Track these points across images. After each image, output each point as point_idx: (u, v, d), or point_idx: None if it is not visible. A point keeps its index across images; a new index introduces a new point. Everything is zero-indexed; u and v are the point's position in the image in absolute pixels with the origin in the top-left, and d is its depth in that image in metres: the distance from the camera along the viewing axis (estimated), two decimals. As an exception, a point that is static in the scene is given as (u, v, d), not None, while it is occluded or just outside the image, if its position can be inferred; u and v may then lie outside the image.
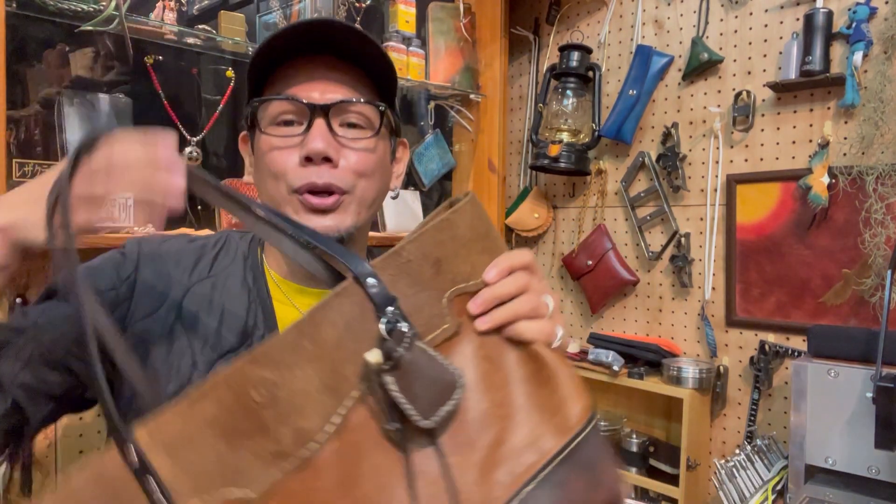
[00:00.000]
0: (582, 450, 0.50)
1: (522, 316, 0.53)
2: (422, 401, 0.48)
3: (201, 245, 0.77)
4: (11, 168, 1.14)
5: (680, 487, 1.61)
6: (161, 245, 0.76)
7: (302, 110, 0.70)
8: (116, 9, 1.26)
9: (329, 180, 0.69)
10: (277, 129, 0.71)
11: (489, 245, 0.55)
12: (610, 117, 1.83)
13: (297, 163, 0.69)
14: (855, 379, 1.21)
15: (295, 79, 0.71)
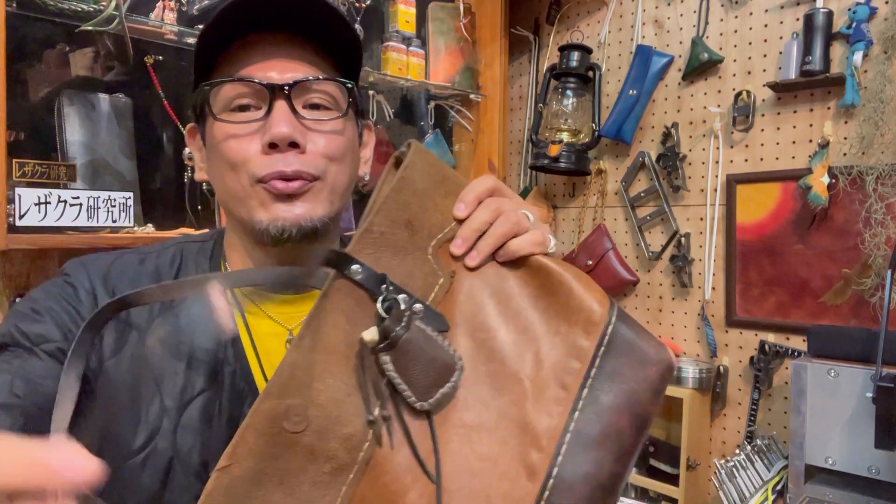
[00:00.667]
0: (616, 336, 0.50)
1: (508, 236, 0.52)
2: (418, 382, 0.47)
3: (155, 268, 0.68)
4: (11, 168, 1.14)
5: (680, 487, 1.61)
6: (111, 270, 0.67)
7: (260, 92, 0.63)
8: (116, 9, 1.26)
9: (298, 167, 0.62)
10: (233, 115, 0.64)
11: (450, 187, 0.54)
12: (610, 117, 1.83)
13: (260, 150, 0.62)
14: (855, 379, 1.21)
15: (248, 59, 0.64)
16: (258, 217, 0.63)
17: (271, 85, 0.62)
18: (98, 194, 1.25)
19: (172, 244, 0.72)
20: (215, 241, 0.73)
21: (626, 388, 0.49)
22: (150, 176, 1.40)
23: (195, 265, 0.70)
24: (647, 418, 0.50)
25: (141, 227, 1.31)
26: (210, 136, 0.66)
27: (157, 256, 0.70)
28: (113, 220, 1.27)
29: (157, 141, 1.42)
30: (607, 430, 0.48)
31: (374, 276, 0.48)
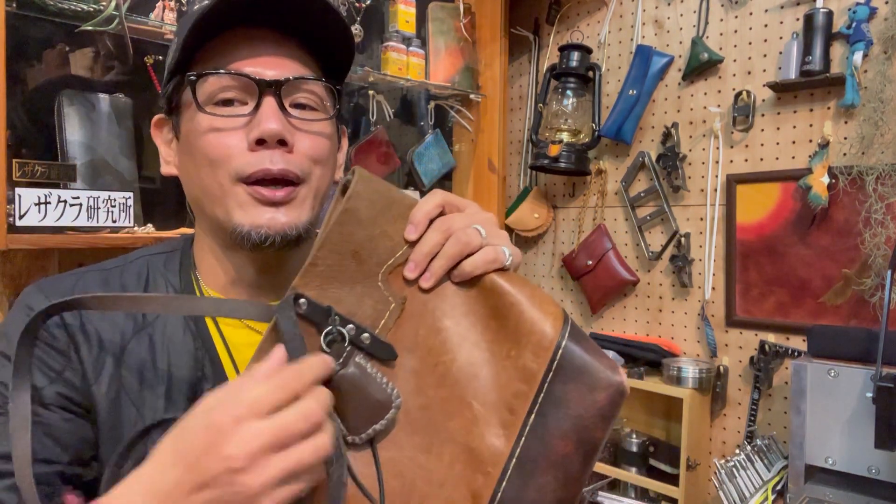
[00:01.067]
0: (566, 360, 0.50)
1: (460, 256, 0.51)
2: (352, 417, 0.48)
3: (121, 287, 0.66)
4: (11, 168, 1.14)
5: (680, 487, 1.61)
6: (74, 293, 0.61)
7: (248, 87, 0.61)
8: (116, 9, 1.26)
9: (284, 165, 0.60)
10: (217, 108, 0.61)
11: (399, 210, 0.53)
12: (610, 117, 1.83)
13: (246, 146, 0.60)
14: (855, 379, 1.21)
15: (235, 52, 0.61)
16: (237, 219, 0.60)
17: (261, 80, 0.60)
18: (98, 194, 1.25)
19: (136, 257, 0.69)
20: (182, 251, 0.70)
21: (574, 413, 0.49)
22: (150, 176, 1.40)
23: (164, 279, 0.67)
24: (595, 444, 0.49)
25: (141, 227, 1.31)
26: (189, 128, 0.63)
27: (121, 273, 0.67)
28: (113, 220, 1.27)
29: (157, 141, 1.42)
30: (552, 457, 0.48)
31: (319, 309, 0.49)
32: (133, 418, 0.60)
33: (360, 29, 1.75)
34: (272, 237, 0.60)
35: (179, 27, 0.64)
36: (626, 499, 1.72)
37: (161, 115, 0.68)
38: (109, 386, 0.60)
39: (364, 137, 1.83)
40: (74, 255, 1.34)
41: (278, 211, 0.61)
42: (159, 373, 0.62)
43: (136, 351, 0.62)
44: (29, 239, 1.14)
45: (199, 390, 0.62)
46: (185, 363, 0.63)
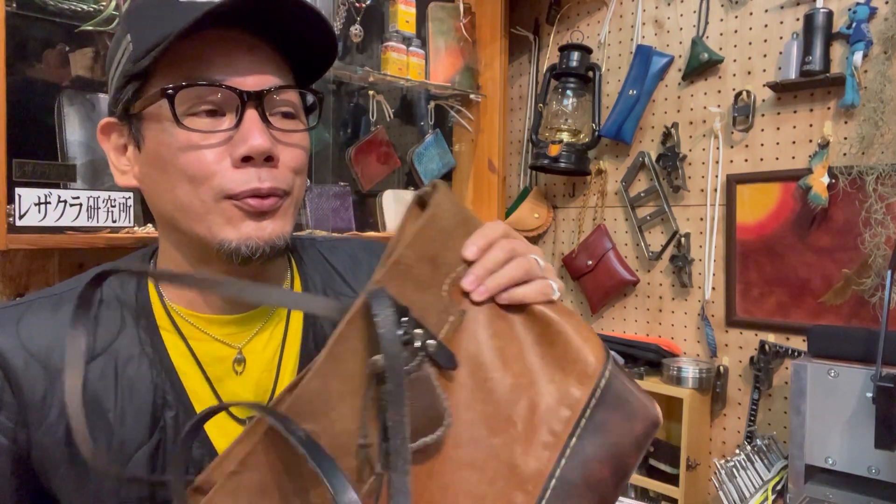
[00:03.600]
0: (608, 389, 0.52)
1: (517, 280, 0.52)
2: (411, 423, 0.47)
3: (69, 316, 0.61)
4: (11, 168, 1.14)
5: (680, 487, 1.61)
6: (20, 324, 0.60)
7: (229, 98, 0.57)
8: (116, 9, 1.26)
9: (271, 183, 0.58)
10: (194, 120, 0.57)
11: (469, 229, 0.55)
12: (610, 117, 1.83)
13: (229, 164, 0.57)
14: (855, 379, 1.21)
15: (209, 59, 0.57)
16: (224, 235, 0.58)
17: (244, 92, 0.57)
18: (98, 194, 1.25)
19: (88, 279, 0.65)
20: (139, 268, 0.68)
21: (612, 440, 0.51)
22: (150, 176, 1.40)
23: (117, 300, 0.63)
24: (627, 470, 0.52)
25: (141, 227, 1.31)
26: (160, 141, 0.58)
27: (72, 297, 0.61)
28: (113, 220, 1.27)
29: (157, 141, 1.42)
30: (590, 480, 0.50)
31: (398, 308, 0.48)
32: (94, 454, 0.57)
33: (360, 29, 1.75)
34: (262, 248, 0.59)
35: (132, 22, 0.59)
36: (626, 499, 1.72)
37: (111, 120, 0.63)
38: (57, 423, 0.57)
39: (364, 137, 1.83)
40: (74, 255, 1.34)
41: (265, 222, 0.59)
42: (116, 402, 0.59)
43: (88, 380, 0.58)
44: (29, 239, 1.14)
45: (160, 417, 0.60)
46: (142, 391, 0.60)
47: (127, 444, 0.59)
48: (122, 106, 0.60)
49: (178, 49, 0.56)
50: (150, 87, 0.58)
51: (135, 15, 0.59)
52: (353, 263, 0.77)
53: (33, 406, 0.57)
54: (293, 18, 0.58)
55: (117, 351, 0.61)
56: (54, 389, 0.58)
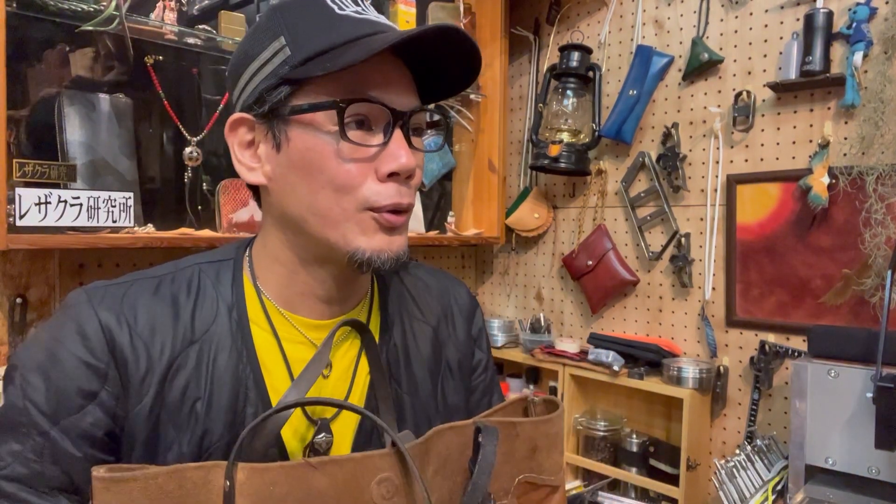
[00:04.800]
0: None
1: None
2: None
3: (172, 298, 0.64)
4: (11, 168, 1.14)
5: (680, 487, 1.61)
6: (123, 302, 0.61)
7: (381, 115, 0.60)
8: (116, 9, 1.26)
9: (410, 199, 0.62)
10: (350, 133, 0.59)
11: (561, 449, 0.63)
12: (610, 117, 1.83)
13: (374, 176, 0.60)
14: (855, 379, 1.21)
15: (368, 76, 0.60)
16: (357, 244, 0.60)
17: (396, 111, 0.60)
18: (98, 194, 1.25)
19: (187, 265, 0.68)
20: (235, 261, 0.68)
21: None
22: (150, 176, 1.40)
23: (214, 290, 0.65)
24: None
25: (141, 227, 1.31)
26: (309, 147, 0.60)
27: (171, 281, 0.65)
28: (113, 220, 1.27)
29: (157, 141, 1.42)
30: None
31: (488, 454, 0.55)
32: (170, 441, 0.59)
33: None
34: (390, 260, 0.62)
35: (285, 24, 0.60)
36: (626, 499, 1.72)
37: (243, 115, 0.63)
38: (152, 407, 0.59)
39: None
40: (74, 255, 1.34)
41: (395, 236, 0.62)
42: (202, 391, 0.61)
43: (182, 369, 0.60)
44: (29, 239, 1.14)
45: (240, 413, 0.61)
46: (227, 384, 0.62)
47: (208, 434, 0.60)
48: (271, 106, 0.60)
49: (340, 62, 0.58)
50: (304, 94, 0.60)
51: (287, 17, 0.61)
52: (424, 287, 0.80)
53: (133, 385, 0.59)
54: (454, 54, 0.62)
55: (211, 340, 0.63)
56: (151, 371, 0.59)
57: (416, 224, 1.95)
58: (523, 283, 2.20)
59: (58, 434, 0.56)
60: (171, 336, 0.61)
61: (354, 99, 0.58)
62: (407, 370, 0.72)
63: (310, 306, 0.67)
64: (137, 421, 0.59)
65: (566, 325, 2.08)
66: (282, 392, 0.63)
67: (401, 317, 0.75)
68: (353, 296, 0.70)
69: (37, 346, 0.59)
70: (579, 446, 1.87)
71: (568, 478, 1.83)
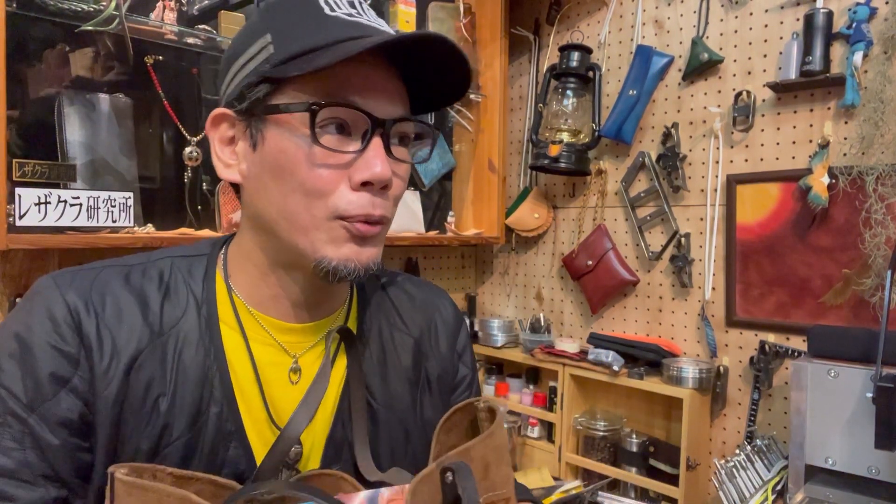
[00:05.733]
0: None
1: None
2: None
3: (141, 289, 0.62)
4: (11, 168, 1.14)
5: (680, 487, 1.61)
6: (92, 290, 0.60)
7: (359, 122, 0.58)
8: (116, 9, 1.26)
9: (383, 211, 0.60)
10: (322, 136, 0.57)
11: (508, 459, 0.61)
12: (610, 117, 1.83)
13: (347, 184, 0.58)
14: (855, 379, 1.21)
15: (349, 81, 0.58)
16: (325, 253, 0.59)
17: (375, 118, 0.58)
18: (98, 194, 1.25)
19: (160, 257, 0.66)
20: (209, 257, 0.67)
21: None
22: (149, 176, 1.40)
23: (185, 285, 0.64)
24: None
25: (141, 227, 1.31)
26: (283, 148, 0.59)
27: (142, 273, 0.64)
28: (113, 220, 1.27)
29: (157, 141, 1.42)
30: None
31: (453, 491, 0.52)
32: (128, 434, 0.58)
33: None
34: (358, 271, 0.60)
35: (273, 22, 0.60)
36: (626, 499, 1.72)
37: (225, 111, 0.62)
38: (116, 398, 0.58)
39: (364, 137, 1.83)
40: (74, 255, 1.34)
41: (365, 247, 0.60)
42: (166, 386, 0.59)
43: (147, 362, 0.59)
44: (29, 239, 1.14)
45: (204, 411, 0.60)
46: (192, 381, 0.60)
47: (167, 431, 0.59)
48: (249, 104, 0.59)
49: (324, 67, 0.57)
50: (283, 94, 0.58)
51: (277, 15, 0.60)
52: (408, 298, 0.79)
53: (98, 372, 0.58)
54: (441, 64, 0.60)
55: (178, 335, 0.61)
56: (116, 362, 0.58)
57: (416, 224, 1.95)
58: (523, 283, 2.20)
59: (35, 421, 0.56)
60: (138, 327, 0.60)
61: (329, 103, 0.57)
62: (383, 381, 0.70)
63: (280, 309, 0.66)
64: (104, 408, 0.58)
65: (566, 325, 2.08)
66: (247, 393, 0.63)
67: (379, 327, 0.73)
68: (326, 302, 0.69)
69: (7, 334, 0.58)
70: (579, 446, 1.87)
71: (568, 478, 1.83)
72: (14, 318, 0.60)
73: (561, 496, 1.59)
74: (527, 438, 1.97)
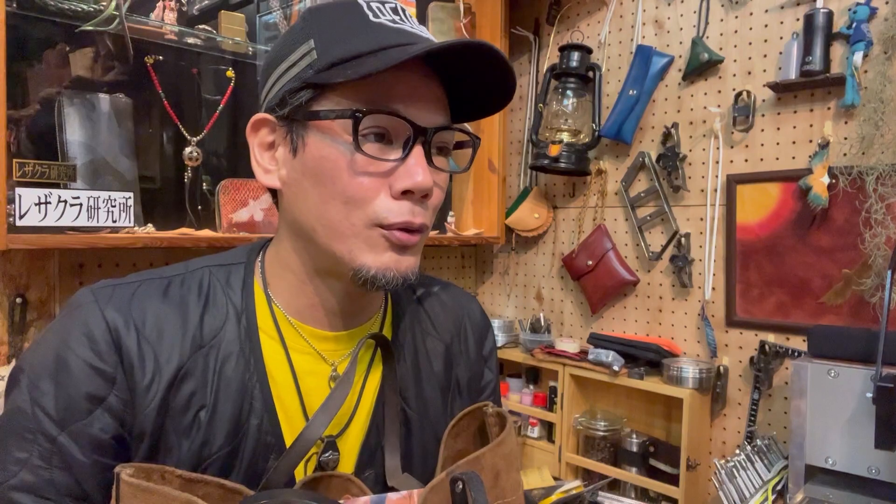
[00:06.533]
0: None
1: None
2: None
3: (180, 300, 0.62)
4: (11, 168, 1.14)
5: (680, 487, 1.61)
6: (132, 304, 0.60)
7: (402, 129, 0.58)
8: (116, 9, 1.26)
9: (423, 220, 0.59)
10: (366, 145, 0.57)
11: (518, 465, 0.62)
12: (610, 117, 1.83)
13: (388, 192, 0.58)
14: (855, 379, 1.21)
15: (393, 88, 0.58)
16: (363, 261, 0.59)
17: (418, 126, 0.58)
18: (98, 194, 1.25)
19: (197, 266, 0.66)
20: (246, 266, 0.67)
21: None
22: (150, 176, 1.40)
23: (224, 295, 0.64)
24: None
25: (141, 227, 1.31)
26: (325, 155, 0.58)
27: (181, 283, 0.64)
28: (113, 220, 1.27)
29: (157, 141, 1.42)
30: None
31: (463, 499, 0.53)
32: (170, 448, 0.58)
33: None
34: (397, 280, 0.59)
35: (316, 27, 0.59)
36: (626, 499, 1.72)
37: (266, 116, 0.62)
38: (158, 413, 0.57)
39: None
40: (74, 255, 1.34)
41: (405, 255, 0.60)
42: (206, 398, 0.59)
43: (189, 375, 0.59)
44: (29, 239, 1.14)
45: (244, 424, 0.60)
46: (233, 393, 0.60)
47: (209, 444, 0.58)
48: (291, 109, 0.59)
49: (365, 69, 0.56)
50: (326, 100, 0.58)
51: (320, 20, 0.60)
52: (439, 303, 0.79)
53: (139, 389, 0.57)
54: (485, 73, 0.59)
55: (219, 346, 0.61)
56: (158, 377, 0.58)
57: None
58: (523, 283, 2.20)
59: (65, 440, 0.55)
60: (179, 341, 0.59)
61: (372, 110, 0.56)
62: (417, 388, 0.70)
63: (318, 318, 0.65)
64: (144, 425, 0.57)
65: (566, 325, 2.08)
66: (287, 403, 0.62)
67: (413, 333, 0.73)
68: (364, 310, 0.69)
69: (44, 350, 0.58)
70: (579, 446, 1.87)
71: (568, 478, 1.83)
72: (52, 333, 0.59)
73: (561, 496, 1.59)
74: (527, 438, 1.97)
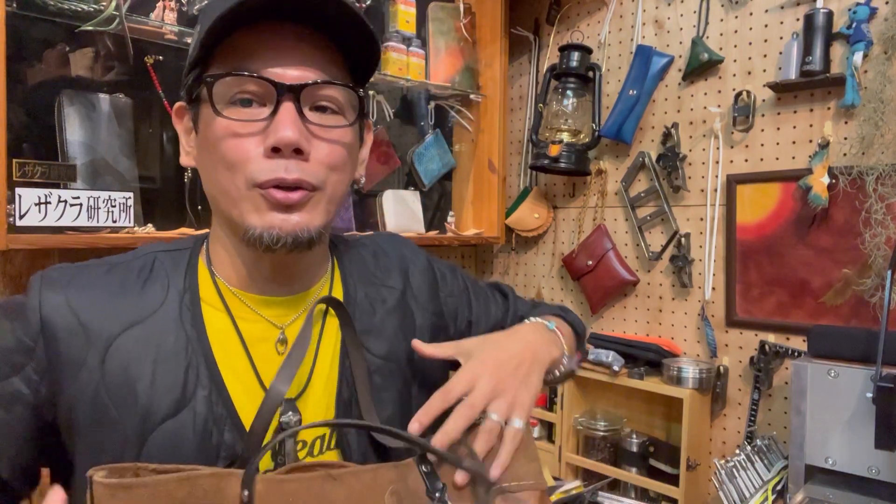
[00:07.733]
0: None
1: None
2: None
3: (121, 279, 0.64)
4: (11, 168, 1.14)
5: (680, 487, 1.61)
6: (70, 283, 0.63)
7: (266, 89, 0.59)
8: (116, 9, 1.26)
9: (299, 175, 0.59)
10: (234, 110, 0.59)
11: (532, 454, 0.64)
12: (610, 117, 1.83)
13: (261, 153, 0.59)
14: (855, 379, 1.21)
15: (256, 49, 0.59)
16: (251, 222, 0.60)
17: (280, 84, 0.58)
18: (98, 194, 1.25)
19: (146, 252, 0.68)
20: (192, 251, 0.69)
21: None
22: (150, 176, 1.40)
23: (166, 277, 0.66)
24: None
25: (141, 227, 1.31)
26: (207, 128, 0.62)
27: (126, 267, 0.66)
28: (113, 220, 1.27)
29: (157, 141, 1.42)
30: None
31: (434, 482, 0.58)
32: (112, 419, 0.58)
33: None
34: (283, 239, 0.60)
35: (202, 16, 0.62)
36: (626, 499, 1.72)
37: (182, 104, 0.67)
38: (95, 388, 0.59)
39: (364, 137, 1.83)
40: (74, 255, 1.34)
41: (291, 214, 0.60)
42: (145, 370, 0.60)
43: (123, 346, 0.60)
44: (29, 239, 1.14)
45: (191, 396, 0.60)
46: (173, 366, 0.61)
47: (153, 413, 0.59)
48: (186, 92, 0.64)
49: (234, 40, 0.59)
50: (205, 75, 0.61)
51: (207, 4, 0.63)
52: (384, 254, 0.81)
53: (67, 364, 0.59)
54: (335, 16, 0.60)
55: (156, 322, 0.62)
56: (90, 350, 0.60)
57: (416, 224, 1.95)
58: (523, 283, 2.20)
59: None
60: (111, 317, 0.61)
61: (219, 74, 0.59)
62: (378, 338, 0.71)
63: (259, 285, 0.67)
64: (77, 401, 0.59)
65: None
66: (239, 371, 0.63)
67: (365, 289, 0.74)
68: (305, 274, 0.69)
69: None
70: (579, 446, 1.87)
71: (568, 478, 1.83)
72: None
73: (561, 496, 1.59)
74: (527, 438, 1.97)
